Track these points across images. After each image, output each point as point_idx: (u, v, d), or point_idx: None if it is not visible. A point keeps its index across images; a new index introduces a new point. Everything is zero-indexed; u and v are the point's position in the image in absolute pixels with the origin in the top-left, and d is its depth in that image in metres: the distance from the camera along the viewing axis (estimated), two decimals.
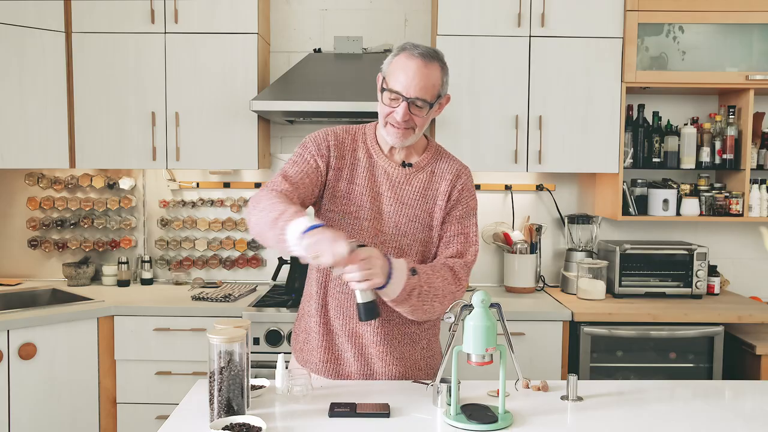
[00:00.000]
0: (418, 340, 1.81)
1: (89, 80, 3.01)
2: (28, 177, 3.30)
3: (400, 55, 1.65)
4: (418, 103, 1.64)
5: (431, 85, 1.64)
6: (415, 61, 1.62)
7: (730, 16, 2.94)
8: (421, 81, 1.62)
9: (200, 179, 3.38)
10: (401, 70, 1.63)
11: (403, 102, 1.63)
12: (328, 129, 1.79)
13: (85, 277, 3.24)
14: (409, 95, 1.62)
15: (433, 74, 1.64)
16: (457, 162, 1.82)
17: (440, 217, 1.76)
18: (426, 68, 1.63)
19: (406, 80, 1.62)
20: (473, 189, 1.82)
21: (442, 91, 1.69)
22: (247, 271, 3.40)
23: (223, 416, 1.44)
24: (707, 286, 3.08)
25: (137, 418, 2.80)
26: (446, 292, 1.67)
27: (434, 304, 1.65)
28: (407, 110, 1.64)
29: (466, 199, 1.79)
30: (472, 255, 1.76)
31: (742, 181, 3.04)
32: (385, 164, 1.76)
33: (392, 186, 1.75)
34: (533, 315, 2.75)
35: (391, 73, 1.66)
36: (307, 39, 3.34)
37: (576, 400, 1.62)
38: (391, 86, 1.65)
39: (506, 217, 3.37)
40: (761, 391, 1.72)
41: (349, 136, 1.79)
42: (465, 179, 1.80)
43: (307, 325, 1.83)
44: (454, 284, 1.69)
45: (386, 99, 1.66)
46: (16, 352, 2.56)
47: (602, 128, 2.99)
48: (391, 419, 1.50)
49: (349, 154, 1.77)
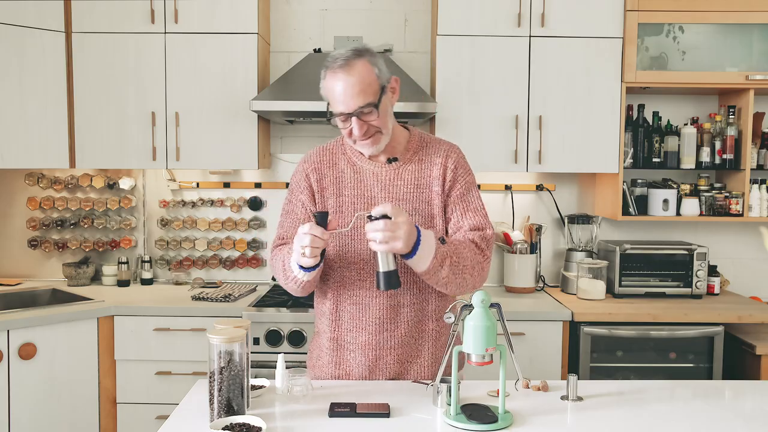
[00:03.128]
0: (438, 337, 1.80)
1: (89, 80, 3.01)
2: (28, 177, 3.30)
3: (326, 76, 1.65)
4: (365, 110, 1.62)
5: (366, 86, 1.61)
6: (337, 77, 1.61)
7: (730, 16, 2.94)
8: (353, 90, 1.60)
9: (200, 179, 3.38)
10: (331, 92, 1.64)
11: (352, 118, 1.63)
12: (303, 158, 1.82)
13: (85, 277, 3.25)
14: (352, 110, 1.61)
15: (362, 76, 1.61)
16: (444, 143, 1.80)
17: (440, 203, 1.74)
18: (350, 76, 1.60)
19: (342, 98, 1.61)
20: (467, 164, 1.80)
21: (382, 81, 1.65)
22: (247, 271, 3.40)
23: (223, 416, 1.44)
24: (707, 286, 3.08)
25: (137, 418, 2.80)
26: (474, 262, 1.67)
27: (465, 275, 1.65)
28: (361, 122, 1.63)
29: (463, 176, 1.77)
30: (489, 229, 1.75)
31: (742, 181, 3.04)
32: (371, 166, 1.75)
33: (383, 185, 1.74)
34: (533, 315, 2.75)
35: (329, 98, 1.66)
36: (307, 39, 3.34)
37: (576, 400, 1.62)
38: (334, 110, 1.65)
39: (506, 217, 3.37)
40: (761, 391, 1.72)
41: (326, 152, 1.80)
42: (456, 157, 1.78)
43: (320, 343, 1.84)
44: (480, 255, 1.70)
45: (339, 123, 1.67)
46: (16, 352, 2.56)
47: (602, 128, 2.99)
48: (391, 419, 1.50)
49: (330, 170, 1.77)
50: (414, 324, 1.76)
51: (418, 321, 1.76)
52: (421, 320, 1.76)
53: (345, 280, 1.75)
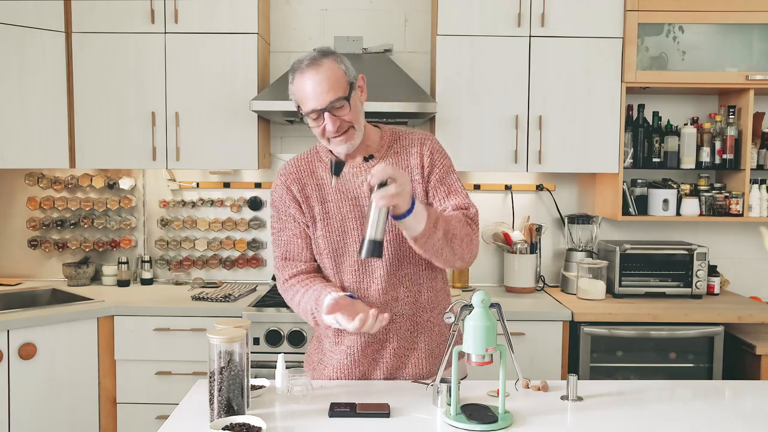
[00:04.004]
0: (432, 327, 1.80)
1: (89, 80, 3.01)
2: (28, 177, 3.30)
3: (294, 78, 1.67)
4: (336, 105, 1.63)
5: (334, 81, 1.63)
6: (306, 75, 1.64)
7: (730, 16, 2.94)
8: (322, 86, 1.62)
9: (200, 179, 3.38)
10: (302, 91, 1.65)
11: (323, 114, 1.64)
12: (279, 172, 1.83)
13: (85, 277, 3.24)
14: (323, 105, 1.63)
15: (330, 72, 1.63)
16: (417, 133, 1.82)
17: (421, 191, 1.75)
18: (319, 73, 1.62)
19: (312, 94, 1.63)
20: (443, 149, 1.81)
21: (350, 77, 1.68)
22: (247, 271, 3.40)
23: (223, 416, 1.44)
24: (707, 286, 3.08)
25: (137, 418, 2.80)
26: (463, 233, 1.67)
27: (454, 245, 1.65)
28: (333, 117, 1.64)
29: (440, 160, 1.78)
30: (472, 207, 1.76)
31: (742, 181, 3.04)
32: (349, 168, 1.76)
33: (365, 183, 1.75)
34: (533, 315, 2.75)
35: (299, 99, 1.68)
36: (307, 39, 3.34)
37: (576, 400, 1.62)
38: (305, 109, 1.66)
39: (506, 217, 3.37)
40: (761, 391, 1.72)
41: (302, 162, 1.81)
42: (431, 144, 1.79)
43: (318, 337, 1.84)
44: (468, 227, 1.70)
45: (311, 122, 1.68)
46: (16, 352, 2.56)
47: (602, 128, 2.99)
48: (391, 419, 1.50)
49: (309, 178, 1.78)
50: (409, 317, 1.76)
51: (412, 313, 1.77)
52: (416, 312, 1.77)
53: (342, 274, 1.76)
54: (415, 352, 1.78)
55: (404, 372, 1.79)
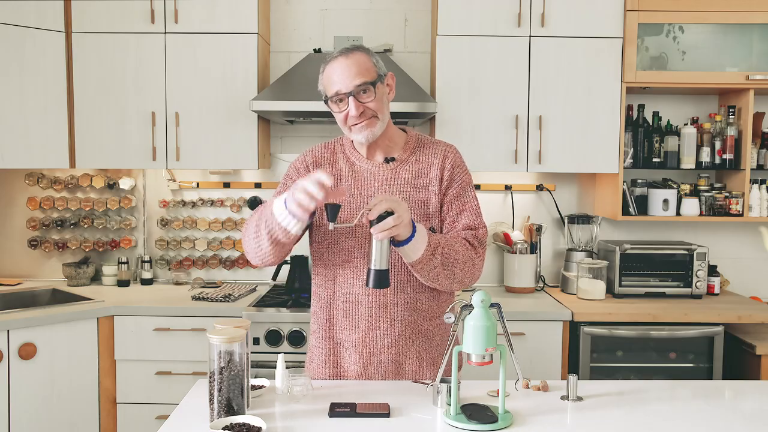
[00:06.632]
0: (432, 337, 1.80)
1: (89, 80, 3.01)
2: (28, 177, 3.30)
3: (324, 68, 1.70)
4: (362, 89, 1.65)
5: (363, 68, 1.65)
6: (336, 61, 1.67)
7: (730, 16, 2.94)
8: (351, 70, 1.64)
9: (200, 179, 3.38)
10: (330, 76, 1.67)
11: (348, 98, 1.65)
12: (306, 150, 1.84)
13: (85, 277, 3.25)
14: (349, 89, 1.64)
15: (360, 60, 1.66)
16: (441, 144, 1.81)
17: (436, 203, 1.75)
18: (348, 60, 1.66)
19: (340, 78, 1.65)
20: (464, 164, 1.81)
21: (379, 71, 1.69)
22: (247, 271, 3.40)
23: (223, 416, 1.44)
24: (707, 286, 3.08)
25: (137, 418, 2.80)
26: (465, 258, 1.67)
27: (455, 269, 1.66)
28: (357, 102, 1.65)
29: (459, 176, 1.78)
30: (482, 228, 1.76)
31: (742, 181, 3.04)
32: (368, 166, 1.76)
33: (380, 185, 1.75)
34: (533, 315, 2.75)
35: (326, 85, 1.69)
36: (307, 39, 3.34)
37: (576, 400, 1.62)
38: (330, 92, 1.67)
39: (506, 217, 3.37)
40: (761, 391, 1.72)
41: (327, 150, 1.82)
42: (453, 157, 1.79)
43: (316, 341, 1.84)
44: (471, 251, 1.70)
45: (335, 107, 1.69)
46: (16, 352, 2.56)
47: (602, 128, 2.99)
48: (391, 419, 1.50)
49: (329, 167, 1.79)
50: (407, 324, 1.76)
51: (411, 321, 1.76)
52: (415, 320, 1.77)
53: (338, 277, 1.76)
54: (413, 359, 1.78)
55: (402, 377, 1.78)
